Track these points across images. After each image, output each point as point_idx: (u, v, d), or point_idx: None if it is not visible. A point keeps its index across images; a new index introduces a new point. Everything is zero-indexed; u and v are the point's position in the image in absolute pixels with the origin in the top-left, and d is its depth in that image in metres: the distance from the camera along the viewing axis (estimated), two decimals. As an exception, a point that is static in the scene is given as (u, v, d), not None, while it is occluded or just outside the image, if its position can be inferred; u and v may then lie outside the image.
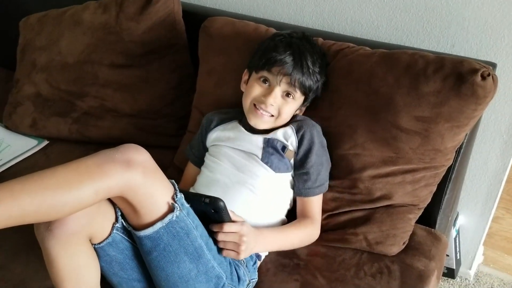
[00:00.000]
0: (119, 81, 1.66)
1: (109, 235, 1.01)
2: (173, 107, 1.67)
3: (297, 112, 1.29)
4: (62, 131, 1.73)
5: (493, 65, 1.29)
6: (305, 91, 1.23)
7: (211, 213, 1.04)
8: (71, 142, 1.74)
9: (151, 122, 1.67)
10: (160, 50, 1.63)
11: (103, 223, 1.00)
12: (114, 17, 1.63)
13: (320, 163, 1.24)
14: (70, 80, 1.71)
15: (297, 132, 1.24)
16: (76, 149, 1.71)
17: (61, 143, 1.75)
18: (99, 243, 1.01)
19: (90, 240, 1.00)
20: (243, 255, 1.08)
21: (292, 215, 1.28)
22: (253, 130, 1.28)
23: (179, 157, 1.54)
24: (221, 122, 1.35)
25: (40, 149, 1.72)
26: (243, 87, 1.32)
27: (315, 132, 1.24)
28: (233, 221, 1.07)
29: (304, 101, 1.27)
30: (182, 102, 1.65)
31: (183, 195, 1.01)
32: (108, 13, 1.64)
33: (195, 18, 1.57)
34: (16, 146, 1.72)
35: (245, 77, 1.32)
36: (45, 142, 1.75)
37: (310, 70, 1.22)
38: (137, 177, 0.92)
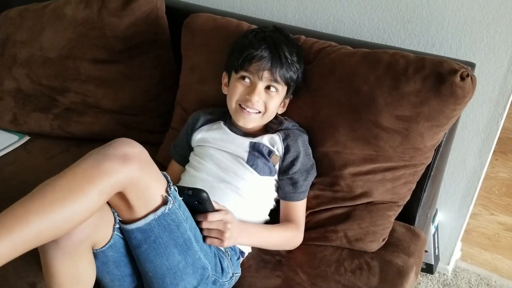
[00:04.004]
0: (101, 76, 1.65)
1: (111, 238, 1.01)
2: (155, 103, 1.66)
3: (281, 106, 1.30)
4: (43, 126, 1.72)
5: (472, 65, 1.30)
6: (287, 81, 1.23)
7: (195, 205, 1.05)
8: (52, 138, 1.73)
9: (134, 118, 1.67)
10: (143, 46, 1.62)
11: (106, 228, 0.99)
12: (96, 12, 1.62)
13: (306, 170, 1.25)
14: (52, 76, 1.69)
15: (283, 140, 1.24)
16: (57, 145, 1.70)
17: (43, 139, 1.73)
18: (101, 248, 1.01)
19: (92, 247, 1.00)
20: (227, 243, 1.08)
21: (275, 215, 1.29)
22: (239, 132, 1.28)
23: (162, 154, 1.54)
24: (207, 122, 1.34)
25: (21, 145, 1.70)
26: (224, 90, 1.31)
27: (301, 142, 1.25)
28: (217, 210, 1.08)
29: (287, 92, 1.27)
30: (165, 98, 1.65)
31: (175, 188, 1.01)
32: (90, 8, 1.63)
33: (179, 14, 1.56)
34: (-4, 142, 1.70)
35: (224, 80, 1.32)
36: (26, 138, 1.73)
37: (289, 61, 1.22)
38: (134, 170, 0.91)
